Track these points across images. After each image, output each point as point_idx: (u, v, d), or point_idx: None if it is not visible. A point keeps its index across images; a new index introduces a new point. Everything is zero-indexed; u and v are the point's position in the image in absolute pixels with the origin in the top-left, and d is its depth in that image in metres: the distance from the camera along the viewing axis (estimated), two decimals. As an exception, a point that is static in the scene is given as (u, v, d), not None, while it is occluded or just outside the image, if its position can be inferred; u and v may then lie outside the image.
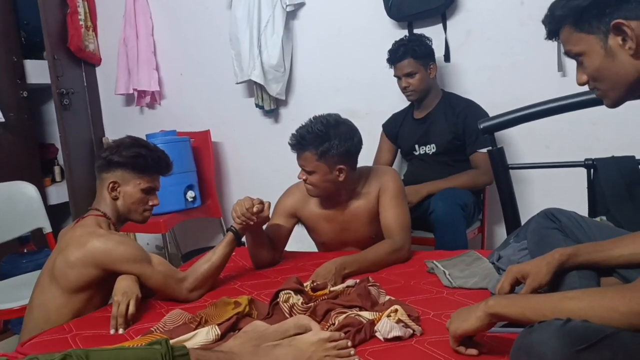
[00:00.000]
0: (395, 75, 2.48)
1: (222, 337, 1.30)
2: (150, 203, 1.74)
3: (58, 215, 3.27)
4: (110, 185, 1.68)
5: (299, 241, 2.12)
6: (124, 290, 1.50)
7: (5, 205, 2.25)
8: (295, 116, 3.10)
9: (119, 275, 1.56)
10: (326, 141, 1.78)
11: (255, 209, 1.74)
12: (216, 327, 1.31)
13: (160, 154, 1.76)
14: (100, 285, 1.58)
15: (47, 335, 1.42)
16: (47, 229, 2.36)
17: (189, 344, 1.25)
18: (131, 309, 1.47)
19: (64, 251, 1.56)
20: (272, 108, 3.10)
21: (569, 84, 2.33)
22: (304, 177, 1.86)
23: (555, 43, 2.36)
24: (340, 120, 1.84)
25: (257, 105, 3.13)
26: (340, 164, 1.82)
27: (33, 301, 1.62)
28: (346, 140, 1.80)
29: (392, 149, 2.66)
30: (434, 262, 1.75)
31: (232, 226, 1.78)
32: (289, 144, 1.84)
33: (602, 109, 1.75)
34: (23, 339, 1.52)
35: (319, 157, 1.79)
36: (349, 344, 1.13)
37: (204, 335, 1.29)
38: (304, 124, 1.85)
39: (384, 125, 2.67)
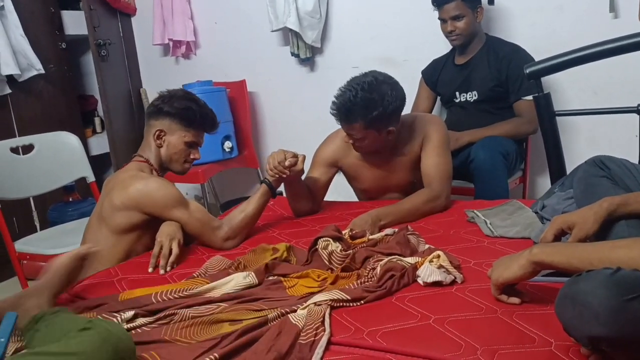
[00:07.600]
0: (440, 18, 2.38)
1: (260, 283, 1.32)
2: (192, 156, 1.78)
3: (100, 165, 3.34)
4: (157, 133, 1.73)
5: (336, 192, 2.11)
6: (168, 233, 1.56)
7: (50, 155, 2.30)
8: (332, 64, 3.04)
9: (160, 218, 1.61)
10: (374, 110, 1.70)
11: (287, 163, 1.72)
12: (252, 274, 1.33)
13: (209, 112, 1.80)
14: (147, 227, 1.64)
15: (94, 279, 1.48)
16: (91, 178, 2.41)
17: (226, 288, 1.28)
18: (175, 250, 1.53)
19: (109, 194, 1.64)
20: (308, 56, 3.04)
21: (621, 26, 2.21)
22: (351, 141, 1.81)
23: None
24: (379, 80, 1.74)
25: (292, 54, 3.07)
26: (389, 127, 1.77)
27: (85, 242, 1.70)
28: (391, 103, 1.72)
29: (431, 96, 2.59)
30: (475, 211, 1.72)
31: (265, 178, 1.78)
32: (332, 113, 1.76)
33: (658, 51, 1.65)
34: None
35: (367, 126, 1.74)
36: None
37: (241, 279, 1.31)
38: (342, 90, 1.74)
39: (423, 72, 2.59)
